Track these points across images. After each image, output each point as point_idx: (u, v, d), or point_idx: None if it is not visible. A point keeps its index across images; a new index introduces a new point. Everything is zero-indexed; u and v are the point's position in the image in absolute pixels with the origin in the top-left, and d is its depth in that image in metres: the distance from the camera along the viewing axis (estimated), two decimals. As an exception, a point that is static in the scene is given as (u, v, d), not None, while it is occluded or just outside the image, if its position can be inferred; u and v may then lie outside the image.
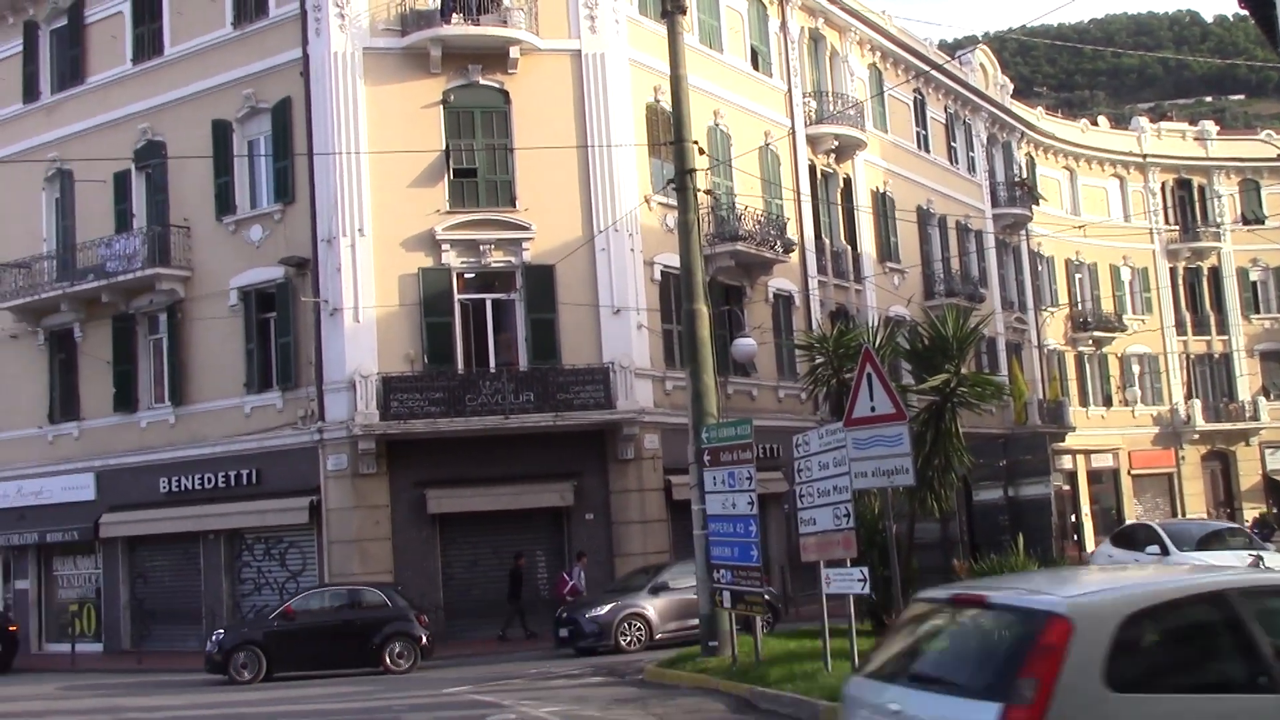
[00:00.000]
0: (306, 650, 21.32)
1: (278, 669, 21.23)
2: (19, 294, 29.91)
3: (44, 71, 31.56)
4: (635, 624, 22.24)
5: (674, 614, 22.36)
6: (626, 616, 22.26)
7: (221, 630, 22.41)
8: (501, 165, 26.81)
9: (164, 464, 28.11)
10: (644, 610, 22.39)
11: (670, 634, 22.08)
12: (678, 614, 22.25)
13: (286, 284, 26.68)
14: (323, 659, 21.34)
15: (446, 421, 24.98)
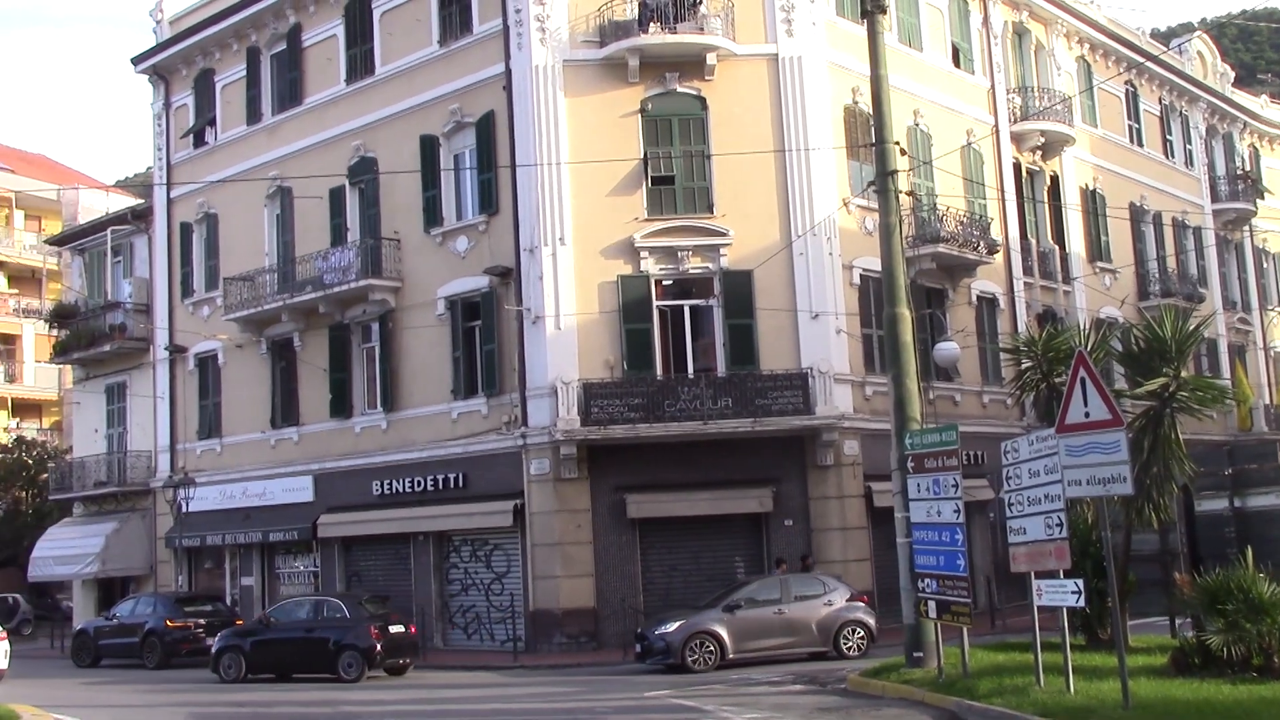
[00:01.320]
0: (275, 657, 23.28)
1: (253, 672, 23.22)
2: (244, 306, 31.57)
3: (265, 95, 33.27)
4: (706, 643, 21.54)
5: (750, 634, 21.90)
6: (696, 635, 21.52)
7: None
8: (699, 172, 26.90)
9: (376, 467, 29.21)
10: (715, 629, 21.70)
11: (746, 654, 21.71)
12: (754, 634, 21.90)
13: (491, 293, 27.38)
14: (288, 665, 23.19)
15: (645, 427, 25.19)
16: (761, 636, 21.88)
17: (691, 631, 21.58)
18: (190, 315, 34.57)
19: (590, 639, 25.43)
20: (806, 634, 22.13)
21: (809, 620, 22.19)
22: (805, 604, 22.24)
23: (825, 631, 22.14)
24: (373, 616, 23.23)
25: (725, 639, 21.62)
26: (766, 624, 21.96)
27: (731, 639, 21.65)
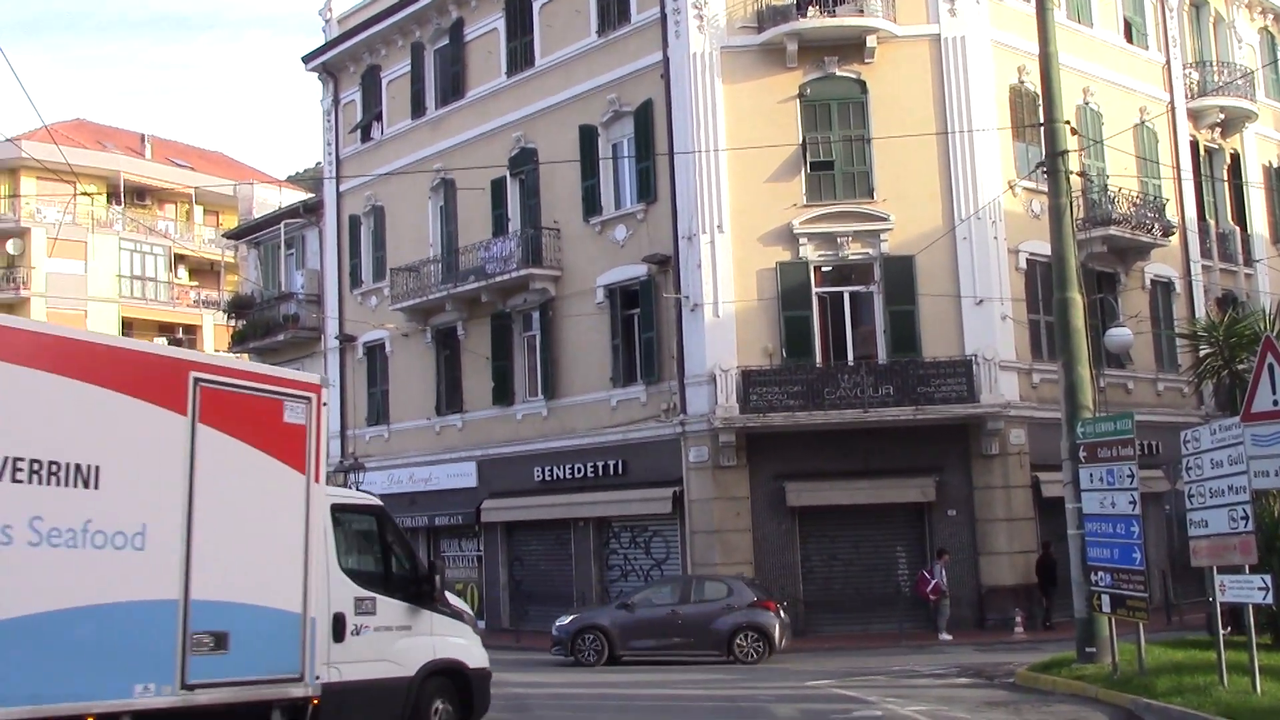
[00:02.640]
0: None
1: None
2: (409, 296, 32.41)
3: (429, 89, 34.05)
4: (595, 639, 22.15)
5: (641, 633, 22.16)
6: (586, 630, 22.34)
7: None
8: (859, 156, 26.53)
9: (537, 454, 29.67)
10: (604, 625, 22.22)
11: (636, 653, 21.95)
12: (645, 633, 22.13)
13: (649, 281, 27.51)
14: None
15: (805, 415, 24.99)
16: (653, 636, 22.19)
17: (581, 626, 22.33)
18: (359, 305, 35.64)
19: (749, 627, 25.34)
20: (702, 637, 22.07)
21: (705, 623, 22.06)
22: (703, 607, 22.28)
23: (720, 636, 21.89)
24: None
25: (614, 635, 22.13)
26: (660, 624, 22.24)
27: (620, 636, 22.16)
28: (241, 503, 9.59)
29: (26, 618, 8.00)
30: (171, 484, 9.08)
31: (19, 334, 8.35)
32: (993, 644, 23.12)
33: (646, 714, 15.55)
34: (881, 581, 25.77)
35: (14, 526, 7.98)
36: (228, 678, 9.30)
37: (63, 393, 8.41)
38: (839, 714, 14.33)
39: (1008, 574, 25.45)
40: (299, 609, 9.93)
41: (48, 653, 8.11)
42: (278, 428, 9.96)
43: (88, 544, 8.41)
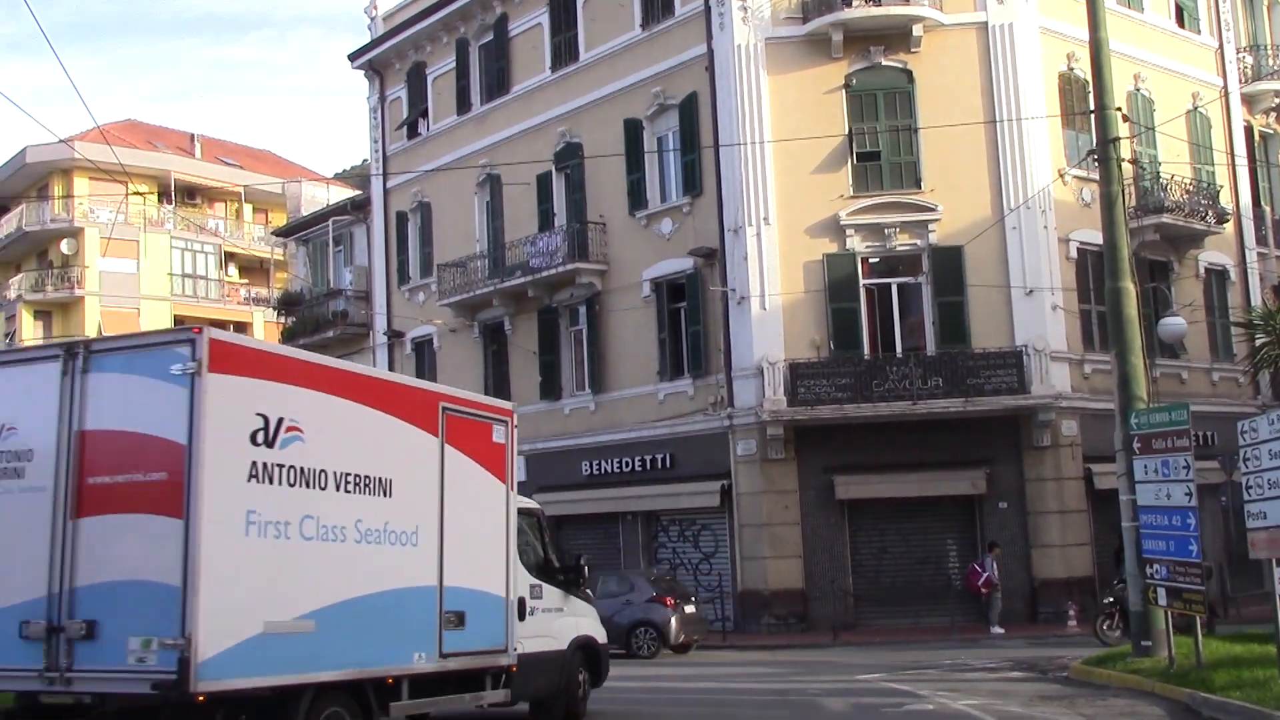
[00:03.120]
0: None
1: None
2: (456, 291, 32.56)
3: (474, 85, 34.16)
4: None
5: None
6: None
7: None
8: (905, 146, 26.33)
9: (585, 448, 29.72)
10: None
11: None
12: None
13: (695, 274, 27.48)
14: None
15: (853, 407, 24.87)
16: None
17: None
18: (407, 301, 35.86)
19: (799, 620, 25.33)
20: None
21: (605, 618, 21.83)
22: (604, 602, 22.13)
23: (618, 630, 21.81)
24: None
25: None
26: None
27: None
28: (469, 506, 11.62)
29: (355, 599, 9.95)
30: (430, 492, 11.15)
31: (340, 372, 10.43)
32: (1045, 637, 22.92)
33: (697, 707, 15.55)
34: (932, 574, 25.61)
35: (346, 527, 9.94)
36: (466, 649, 11.37)
37: (369, 419, 10.40)
38: (890, 708, 14.25)
39: (1060, 567, 25.21)
40: (503, 594, 12.04)
41: (366, 627, 10.07)
42: (489, 445, 12.13)
43: (386, 541, 10.39)
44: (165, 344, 9.13)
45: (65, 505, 9.09)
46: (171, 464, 8.76)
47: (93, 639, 8.77)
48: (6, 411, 9.52)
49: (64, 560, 9.00)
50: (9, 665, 9.04)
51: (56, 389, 9.28)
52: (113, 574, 8.83)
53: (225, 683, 8.59)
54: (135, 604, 8.69)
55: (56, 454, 9.20)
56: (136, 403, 9.03)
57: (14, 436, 9.43)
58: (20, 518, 9.26)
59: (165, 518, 8.71)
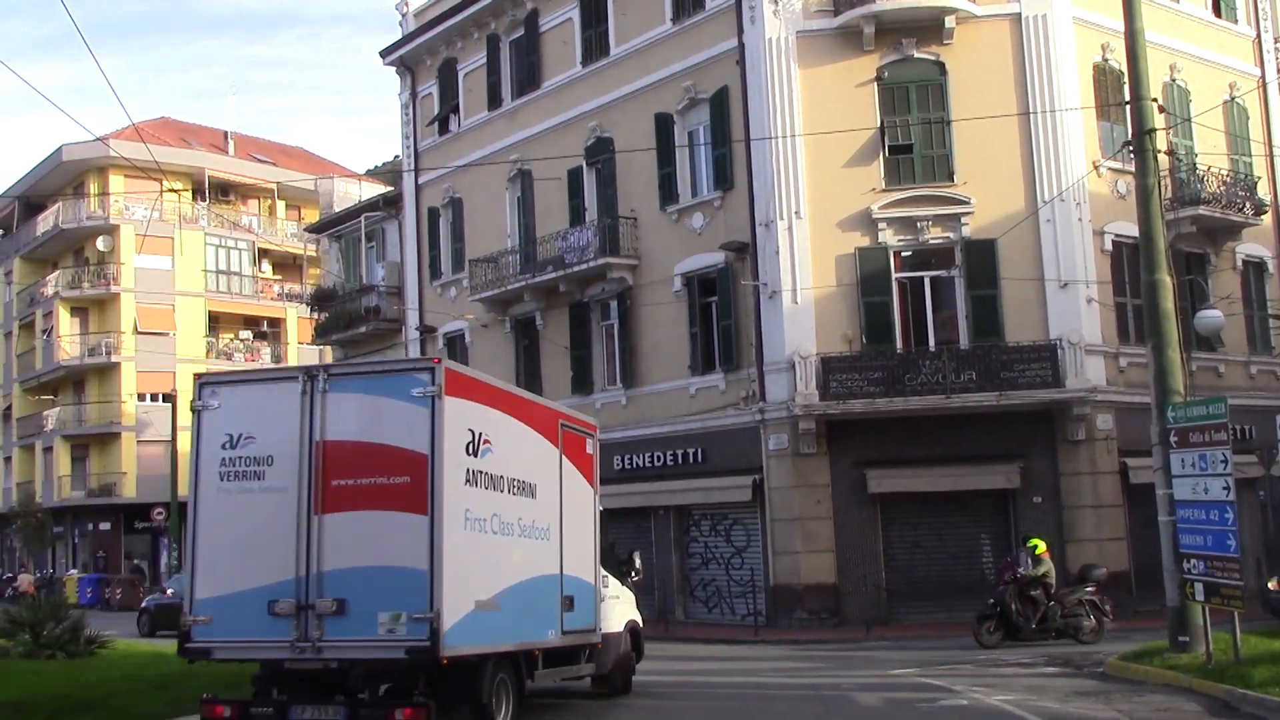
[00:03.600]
0: None
1: None
2: (488, 286, 32.64)
3: (505, 80, 34.22)
4: None
5: None
6: None
7: None
8: (938, 139, 26.18)
9: (616, 443, 29.67)
10: None
11: None
12: None
13: (727, 268, 27.43)
14: None
15: (885, 401, 24.77)
16: None
17: None
18: (439, 296, 35.98)
19: (832, 615, 25.26)
20: None
21: None
22: None
23: None
24: None
25: None
26: None
27: None
28: (574, 506, 13.81)
29: (518, 584, 12.11)
30: (555, 494, 13.30)
31: (507, 393, 12.53)
32: (1081, 632, 22.71)
33: (728, 701, 15.52)
34: (965, 569, 25.47)
35: (513, 524, 12.09)
36: (575, 628, 13.66)
37: (523, 434, 12.56)
38: (924, 703, 14.20)
39: (1095, 561, 24.93)
40: (593, 582, 14.35)
41: (524, 608, 12.21)
42: (584, 455, 14.42)
43: (533, 536, 12.59)
44: (406, 371, 11.39)
45: (309, 503, 10.87)
46: (415, 470, 10.69)
47: (342, 614, 10.59)
48: (246, 424, 11.22)
49: (310, 549, 10.78)
50: (259, 638, 10.85)
51: (297, 405, 11.07)
52: (359, 560, 10.69)
53: (457, 649, 10.62)
54: (383, 585, 10.56)
55: (299, 460, 10.97)
56: (379, 419, 10.94)
57: (253, 444, 11.16)
58: (262, 513, 11.01)
59: (411, 514, 10.63)
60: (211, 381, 11.56)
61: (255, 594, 10.86)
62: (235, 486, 11.18)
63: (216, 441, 11.31)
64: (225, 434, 11.29)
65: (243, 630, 10.94)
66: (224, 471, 11.23)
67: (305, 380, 11.14)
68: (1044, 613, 20.81)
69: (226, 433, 11.29)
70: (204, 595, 11.06)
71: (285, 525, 10.89)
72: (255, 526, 11.05)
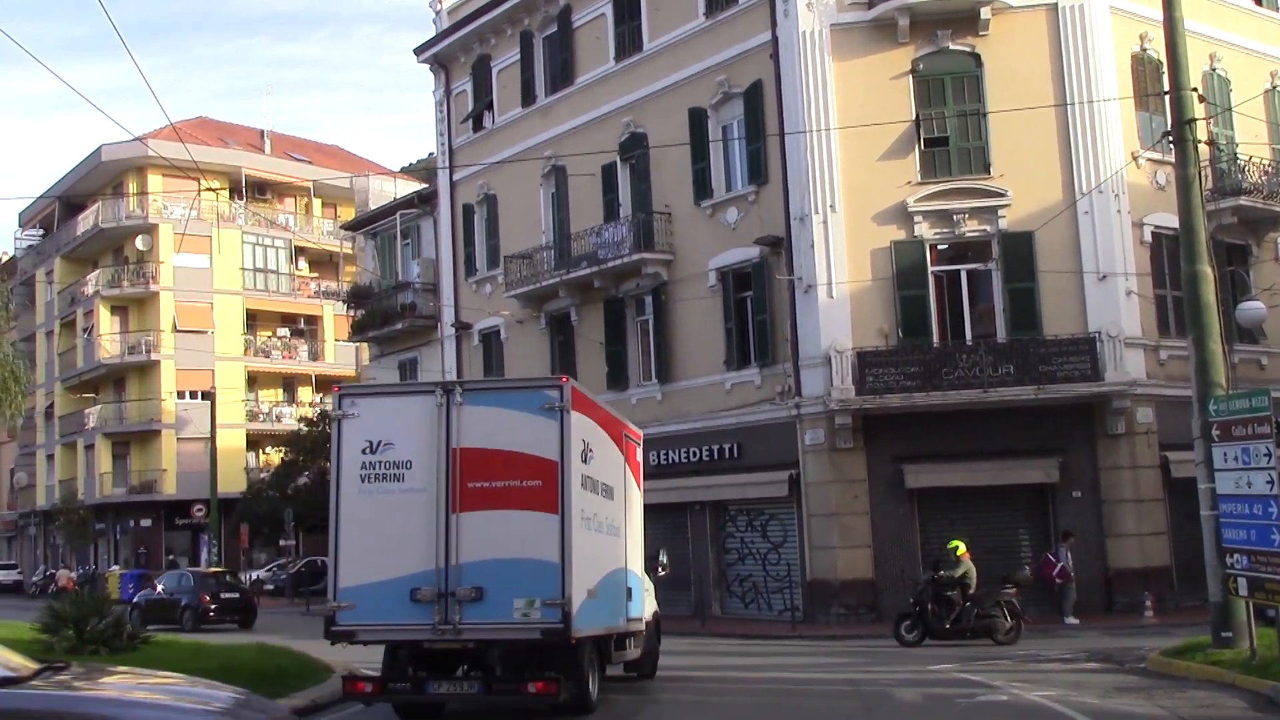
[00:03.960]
0: None
1: None
2: (523, 283, 32.72)
3: (538, 77, 34.26)
4: None
5: None
6: None
7: None
8: (974, 131, 26.00)
9: (652, 438, 29.47)
10: None
11: None
12: None
13: (762, 263, 27.37)
14: None
15: (922, 396, 24.65)
16: None
17: None
18: (474, 293, 36.09)
19: (869, 610, 25.18)
20: None
21: None
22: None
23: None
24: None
25: None
26: None
27: None
28: (631, 507, 15.26)
29: (605, 575, 13.49)
30: (623, 496, 14.74)
31: (598, 407, 14.01)
32: (1121, 628, 22.55)
33: (767, 696, 15.49)
34: (1004, 564, 25.13)
35: (604, 522, 13.62)
36: (633, 616, 15.06)
37: (606, 442, 14.00)
38: (963, 699, 14.11)
39: (1136, 556, 24.81)
40: (641, 576, 15.99)
41: (607, 597, 13.50)
42: (636, 460, 15.93)
43: (612, 534, 14.06)
44: (536, 387, 12.74)
45: (446, 503, 12.14)
46: (547, 475, 12.10)
47: (480, 601, 11.94)
48: (385, 431, 12.37)
49: (449, 543, 12.07)
50: (402, 622, 12.12)
51: (434, 416, 12.30)
52: (495, 553, 12.05)
53: (580, 631, 12.17)
54: (518, 575, 11.97)
55: (436, 464, 12.20)
56: (511, 429, 12.30)
57: (392, 450, 12.31)
58: (401, 511, 12.20)
59: (543, 513, 12.05)
60: (351, 393, 12.86)
61: (397, 583, 12.05)
62: (375, 487, 12.34)
63: (357, 447, 12.42)
64: (365, 440, 12.42)
65: (385, 615, 12.13)
66: (364, 474, 12.35)
67: (441, 394, 12.43)
68: (959, 613, 20.90)
69: (366, 439, 12.42)
70: (347, 584, 12.21)
71: (425, 522, 12.15)
72: (395, 523, 12.25)
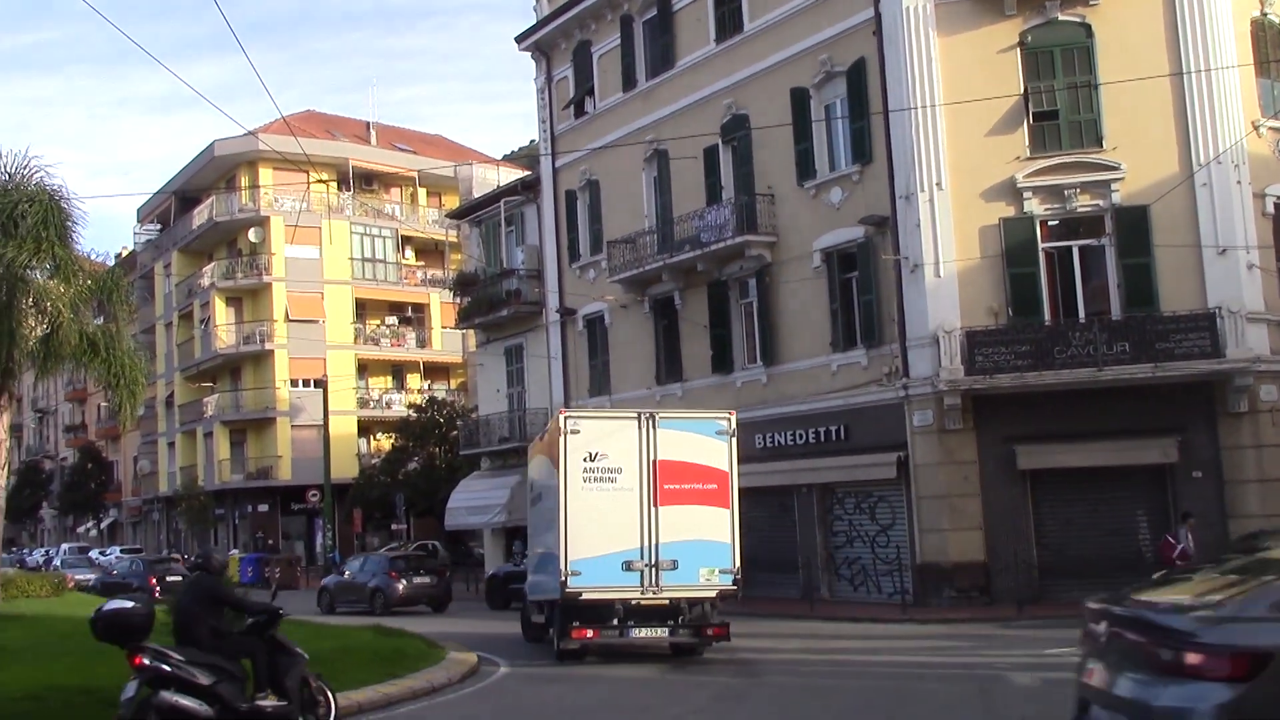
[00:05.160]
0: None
1: None
2: (626, 268, 32.82)
3: (639, 61, 34.27)
4: None
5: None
6: None
7: None
8: (1085, 104, 25.35)
9: (757, 421, 29.60)
10: None
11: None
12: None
13: (866, 243, 27.07)
14: None
15: (1034, 375, 24.17)
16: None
17: None
18: (578, 278, 36.31)
19: (981, 593, 24.81)
20: None
21: None
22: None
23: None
24: None
25: None
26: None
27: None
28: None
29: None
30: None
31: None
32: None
33: (880, 680, 15.39)
34: (1121, 547, 24.70)
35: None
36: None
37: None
38: (1082, 683, 13.84)
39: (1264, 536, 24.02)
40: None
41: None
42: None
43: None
44: (712, 418, 18.01)
45: (648, 499, 16.97)
46: (720, 480, 17.36)
47: (674, 570, 16.84)
48: (600, 445, 17.08)
49: (651, 529, 16.92)
50: (617, 585, 16.77)
51: (636, 435, 17.14)
52: (685, 536, 16.96)
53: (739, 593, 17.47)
54: (701, 552, 17.01)
55: (639, 471, 17.01)
56: (694, 447, 17.34)
57: (606, 460, 17.05)
58: (614, 505, 16.92)
59: (718, 508, 17.27)
60: (573, 416, 17.65)
61: (613, 557, 16.76)
62: (594, 487, 16.99)
63: (579, 456, 17.01)
64: (586, 452, 17.01)
65: (604, 580, 16.71)
66: (585, 476, 16.97)
67: (641, 420, 17.31)
68: None
69: (587, 451, 17.00)
70: (575, 558, 16.74)
71: (632, 513, 16.92)
72: (609, 513, 16.87)
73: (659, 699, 14.26)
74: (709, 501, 17.12)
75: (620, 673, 16.49)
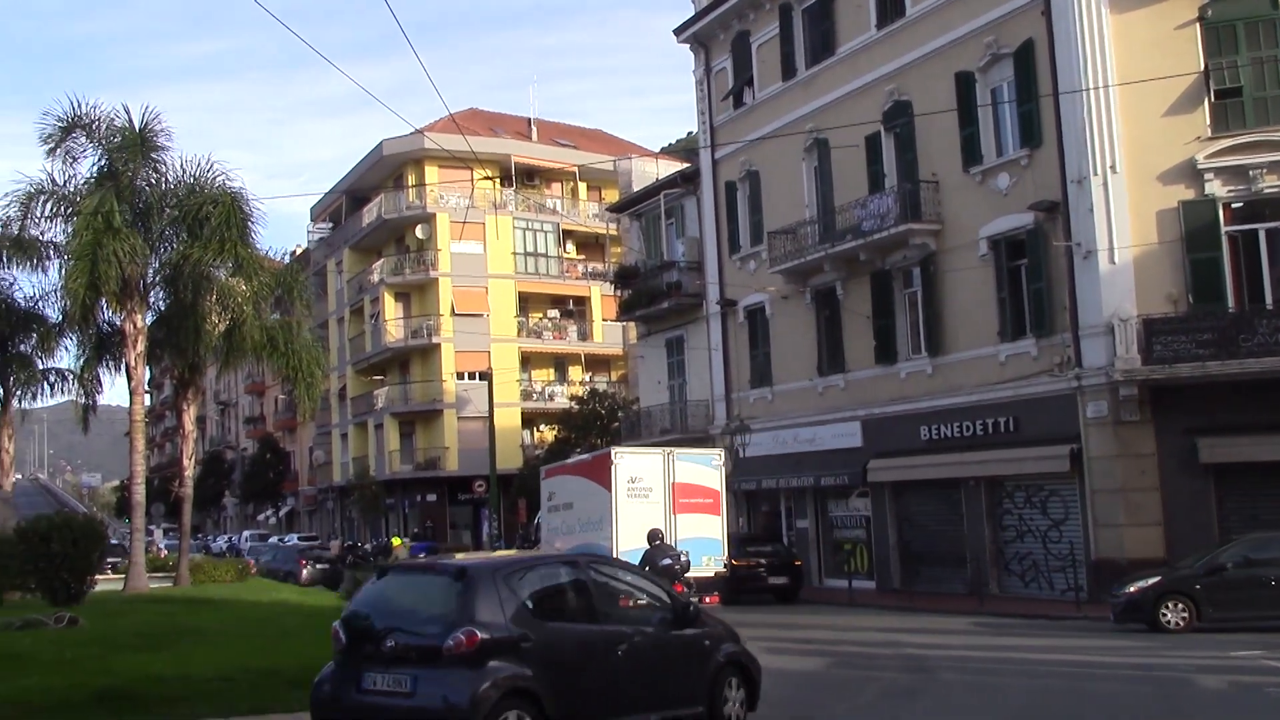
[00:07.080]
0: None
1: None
2: (787, 258, 32.59)
3: (798, 49, 33.94)
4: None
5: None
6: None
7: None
8: (1272, 79, 24.13)
9: (922, 413, 29.14)
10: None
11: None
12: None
13: (1036, 229, 26.29)
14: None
15: (1217, 364, 23.15)
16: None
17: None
18: (738, 270, 36.22)
19: (1160, 591, 23.81)
20: None
21: None
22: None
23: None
24: None
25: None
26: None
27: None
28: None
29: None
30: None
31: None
32: None
33: (1050, 679, 14.95)
34: (1314, 545, 23.45)
35: None
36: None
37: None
38: (1276, 688, 13.21)
39: None
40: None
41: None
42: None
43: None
44: (708, 454, 26.34)
45: (669, 508, 24.47)
46: (715, 497, 25.28)
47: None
48: (637, 471, 24.55)
49: (672, 529, 23.55)
50: None
51: (661, 465, 24.91)
52: (693, 534, 24.13)
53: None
54: (703, 545, 24.10)
55: (664, 490, 24.62)
56: (699, 474, 25.20)
57: (641, 482, 24.46)
58: (647, 512, 23.66)
59: (714, 516, 25.14)
60: (620, 451, 25.45)
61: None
62: (635, 500, 24.22)
63: (625, 478, 24.43)
64: (629, 475, 24.45)
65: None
66: (628, 492, 24.32)
67: (666, 455, 25.24)
68: None
69: (629, 475, 24.44)
70: (623, 549, 22.31)
71: (659, 518, 23.66)
72: (644, 517, 23.03)
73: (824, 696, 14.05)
74: (708, 511, 24.94)
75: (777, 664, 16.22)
